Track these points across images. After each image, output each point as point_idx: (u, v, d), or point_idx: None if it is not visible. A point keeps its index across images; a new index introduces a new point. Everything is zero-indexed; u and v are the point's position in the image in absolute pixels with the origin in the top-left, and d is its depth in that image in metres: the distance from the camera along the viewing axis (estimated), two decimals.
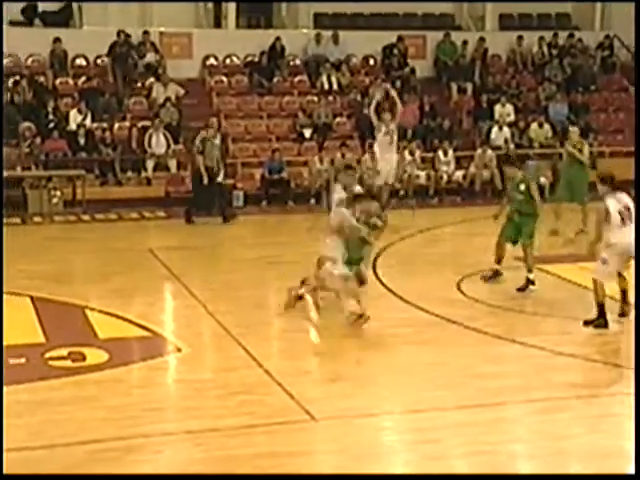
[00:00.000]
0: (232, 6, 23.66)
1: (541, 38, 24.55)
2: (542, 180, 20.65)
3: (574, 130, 17.27)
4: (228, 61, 23.28)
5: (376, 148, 17.89)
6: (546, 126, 22.21)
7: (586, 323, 11.22)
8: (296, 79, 23.05)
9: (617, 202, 11.07)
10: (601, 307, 11.16)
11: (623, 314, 11.42)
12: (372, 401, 9.02)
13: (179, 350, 10.47)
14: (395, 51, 23.61)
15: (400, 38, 23.70)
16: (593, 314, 11.22)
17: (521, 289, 12.85)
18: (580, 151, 16.69)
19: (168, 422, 8.54)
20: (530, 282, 12.90)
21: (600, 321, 11.16)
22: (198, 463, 7.61)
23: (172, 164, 20.46)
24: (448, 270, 13.93)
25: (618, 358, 10.32)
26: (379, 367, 9.95)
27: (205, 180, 17.91)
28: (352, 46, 23.53)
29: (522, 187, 13.32)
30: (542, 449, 8.06)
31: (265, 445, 7.94)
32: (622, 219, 11.00)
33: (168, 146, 20.40)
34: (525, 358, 10.33)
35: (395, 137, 17.74)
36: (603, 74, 24.59)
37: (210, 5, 24.20)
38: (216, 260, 15.25)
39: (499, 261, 13.29)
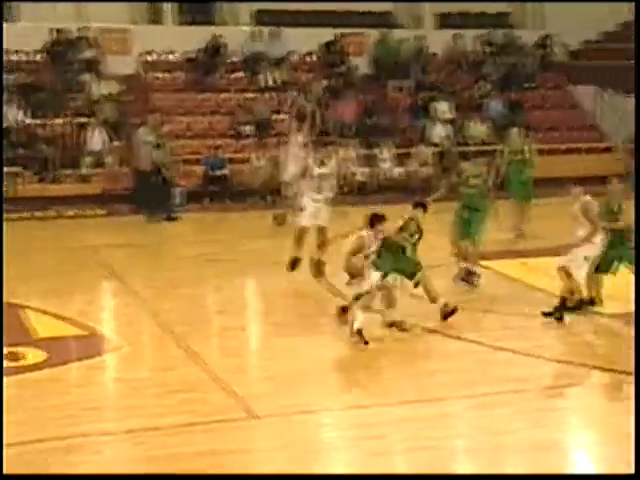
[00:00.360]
0: (170, 3, 23.49)
1: (477, 36, 24.76)
2: None
3: (514, 131, 17.15)
4: (166, 57, 23.11)
5: (291, 148, 17.42)
6: (483, 123, 22.41)
7: (545, 314, 11.35)
8: (235, 76, 22.95)
9: None
10: (564, 301, 11.35)
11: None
12: (314, 398, 9.01)
13: (119, 348, 10.37)
14: (335, 48, 23.64)
15: (340, 35, 23.73)
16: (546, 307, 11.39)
17: (465, 280, 12.88)
18: (522, 152, 16.55)
19: (108, 421, 8.44)
20: (473, 274, 12.94)
21: (557, 314, 11.31)
22: (138, 462, 7.53)
23: (110, 161, 20.24)
24: None
25: (558, 353, 10.43)
26: (321, 364, 9.94)
27: (155, 178, 17.77)
28: (292, 43, 23.51)
29: (474, 181, 13.41)
30: (483, 444, 8.12)
31: (206, 443, 7.89)
32: None
33: (107, 143, 20.18)
34: (467, 354, 10.40)
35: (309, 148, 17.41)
36: (540, 71, 24.89)
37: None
38: (157, 258, 15.15)
39: (465, 258, 13.28)
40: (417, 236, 11.21)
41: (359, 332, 10.25)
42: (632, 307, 11.55)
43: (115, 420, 8.49)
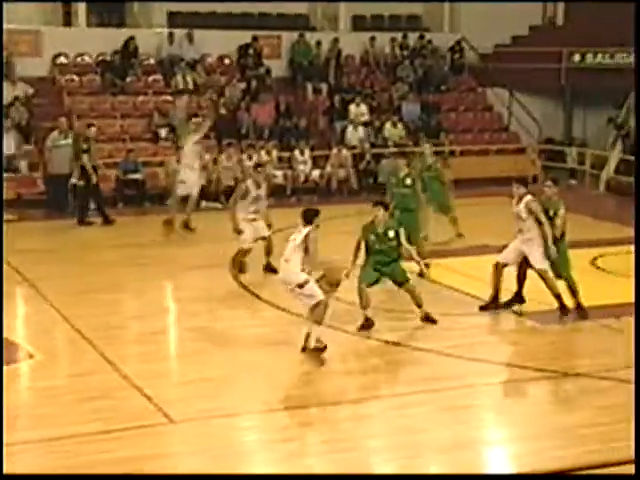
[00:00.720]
0: (83, 4, 23.15)
1: (393, 39, 24.97)
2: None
3: (427, 147, 16.68)
4: (79, 60, 22.77)
5: (184, 157, 17.36)
6: (400, 125, 22.61)
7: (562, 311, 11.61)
8: (150, 78, 22.74)
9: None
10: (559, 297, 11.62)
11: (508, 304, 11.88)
12: (232, 401, 8.99)
13: (32, 356, 10.18)
14: (250, 51, 23.59)
15: (255, 38, 23.69)
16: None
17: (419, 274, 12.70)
18: (436, 170, 16.00)
19: (22, 430, 8.28)
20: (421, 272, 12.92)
21: (565, 311, 11.63)
22: (54, 471, 7.40)
23: (23, 165, 19.86)
24: None
25: (477, 352, 10.55)
26: (238, 367, 9.91)
27: (84, 182, 17.53)
28: (207, 45, 23.36)
29: (408, 181, 13.46)
30: (401, 443, 8.20)
31: (123, 449, 7.80)
32: None
33: (19, 147, 19.80)
34: (383, 354, 10.48)
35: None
36: (453, 74, 25.21)
37: (59, 2, 23.64)
38: (71, 263, 14.89)
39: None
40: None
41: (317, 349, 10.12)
42: (545, 307, 11.82)
43: (30, 429, 8.34)
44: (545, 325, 11.51)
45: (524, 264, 11.78)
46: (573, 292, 11.68)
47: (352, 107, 22.70)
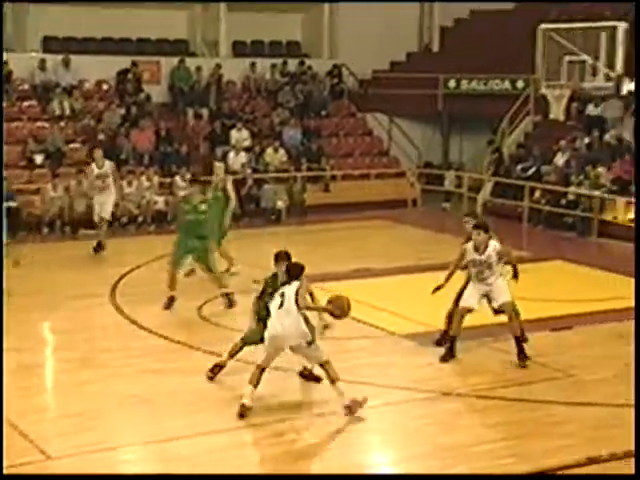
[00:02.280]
0: None
1: (273, 65, 25.09)
2: (279, 204, 21.09)
3: (219, 165, 16.22)
4: None
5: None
6: (281, 151, 22.68)
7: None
8: (25, 104, 22.25)
9: None
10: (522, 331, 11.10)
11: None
12: (111, 434, 8.80)
13: None
14: (129, 76, 23.34)
15: (134, 63, 23.46)
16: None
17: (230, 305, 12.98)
18: (223, 190, 15.48)
19: None
20: (228, 299, 13.01)
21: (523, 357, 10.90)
22: None
23: None
24: (186, 296, 13.82)
25: (355, 375, 10.57)
26: (118, 398, 9.70)
27: None
28: (85, 71, 22.99)
29: (203, 207, 13.30)
30: (283, 470, 8.16)
31: None
32: None
33: None
34: (264, 380, 10.39)
35: (110, 179, 17.21)
36: (332, 100, 25.46)
37: None
38: None
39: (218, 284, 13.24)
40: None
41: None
42: (423, 328, 11.97)
43: None
44: (425, 347, 11.64)
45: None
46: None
47: (233, 132, 22.67)
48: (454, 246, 12.31)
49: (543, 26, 15.93)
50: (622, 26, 15.15)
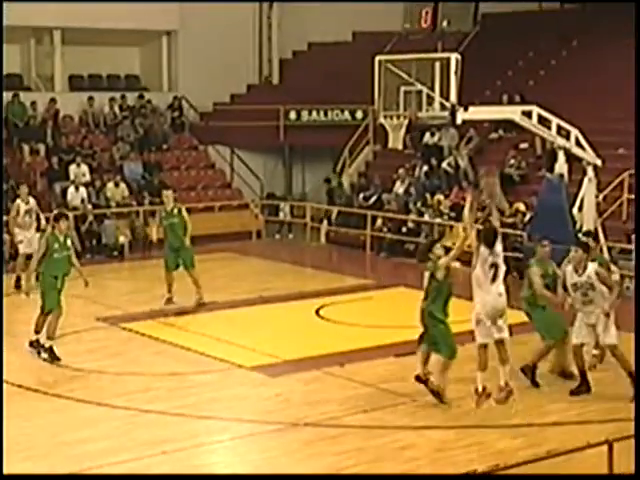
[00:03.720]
0: None
1: (112, 99, 24.76)
2: (121, 239, 20.75)
3: (167, 194, 16.40)
4: None
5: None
6: (122, 185, 22.34)
7: (572, 393, 10.72)
8: None
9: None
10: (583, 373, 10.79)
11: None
12: None
13: None
14: None
15: None
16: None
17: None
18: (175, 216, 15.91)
19: None
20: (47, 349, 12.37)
21: (582, 388, 10.75)
22: None
23: None
24: (28, 336, 13.37)
25: (202, 410, 10.48)
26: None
27: None
28: None
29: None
30: None
31: None
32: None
33: None
34: (112, 419, 10.19)
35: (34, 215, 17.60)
36: (173, 133, 25.32)
37: None
38: None
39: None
40: None
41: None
42: (270, 360, 11.95)
43: None
44: (272, 377, 11.64)
45: None
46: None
47: (72, 168, 22.20)
48: (296, 275, 12.40)
49: (380, 57, 16.25)
50: (455, 57, 15.64)
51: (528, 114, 16.66)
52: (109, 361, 12.37)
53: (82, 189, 21.65)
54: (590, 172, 16.81)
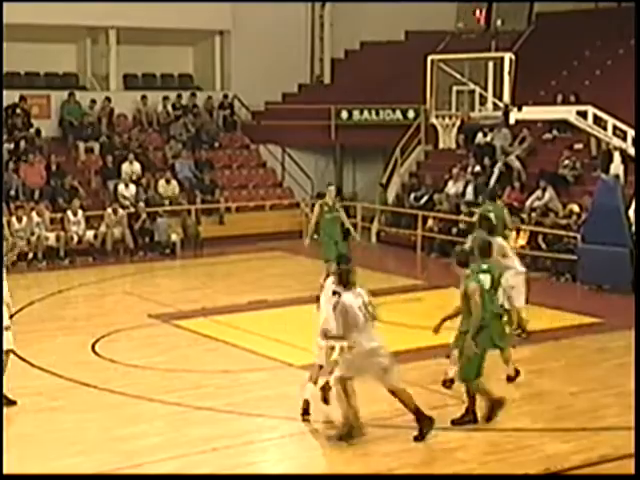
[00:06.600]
0: None
1: (165, 98, 24.97)
2: (173, 237, 20.91)
3: (331, 189, 16.79)
4: None
5: None
6: (173, 182, 22.51)
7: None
8: None
9: None
10: None
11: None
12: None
13: None
14: (18, 111, 22.91)
15: (23, 97, 23.06)
16: None
17: None
18: (337, 210, 16.50)
19: None
20: None
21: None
22: None
23: None
24: (82, 332, 13.59)
25: (253, 408, 10.52)
26: (7, 439, 9.41)
27: None
28: None
29: None
30: None
31: None
32: None
33: None
34: (163, 416, 10.28)
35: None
36: (225, 132, 25.45)
37: None
38: None
39: None
40: None
41: None
42: None
43: None
44: (321, 376, 11.61)
45: None
46: None
47: (125, 166, 22.43)
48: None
49: (432, 57, 16.19)
50: (508, 56, 15.53)
51: (583, 114, 16.50)
52: (160, 358, 12.48)
53: (132, 186, 21.86)
54: None
